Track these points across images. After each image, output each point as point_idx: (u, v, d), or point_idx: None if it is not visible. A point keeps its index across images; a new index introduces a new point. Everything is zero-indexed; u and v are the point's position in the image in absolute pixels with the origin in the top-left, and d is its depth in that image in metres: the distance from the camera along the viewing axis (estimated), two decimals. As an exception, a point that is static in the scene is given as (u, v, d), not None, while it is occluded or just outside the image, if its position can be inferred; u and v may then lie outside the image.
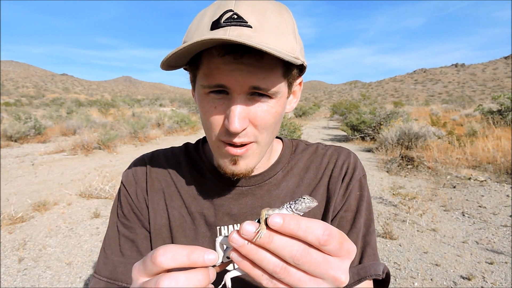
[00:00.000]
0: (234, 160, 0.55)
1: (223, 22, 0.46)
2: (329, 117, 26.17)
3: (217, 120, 0.52)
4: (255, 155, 0.56)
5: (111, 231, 0.66)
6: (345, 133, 12.22)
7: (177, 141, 10.93)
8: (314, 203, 0.35)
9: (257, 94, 0.50)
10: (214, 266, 0.36)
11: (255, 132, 0.52)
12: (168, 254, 0.32)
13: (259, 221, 0.33)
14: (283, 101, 0.54)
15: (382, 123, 10.24)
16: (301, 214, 0.35)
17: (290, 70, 0.52)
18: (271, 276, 0.32)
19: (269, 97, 0.51)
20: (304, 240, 0.31)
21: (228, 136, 0.51)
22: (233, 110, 0.48)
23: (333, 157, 0.68)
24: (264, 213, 0.33)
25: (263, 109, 0.51)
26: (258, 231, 0.32)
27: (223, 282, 0.36)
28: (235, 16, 0.46)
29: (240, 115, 0.48)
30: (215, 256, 0.33)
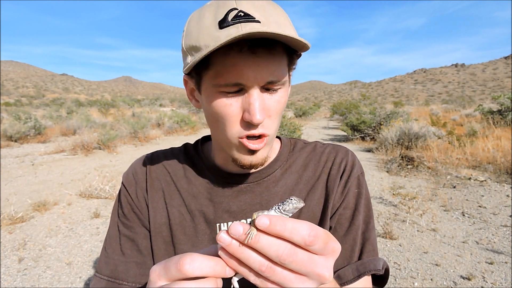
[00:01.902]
0: (252, 151, 0.56)
1: (231, 20, 0.47)
2: (329, 117, 26.17)
3: (235, 117, 0.52)
4: (269, 145, 0.58)
5: (112, 231, 0.67)
6: (345, 133, 12.22)
7: (177, 141, 10.94)
8: (301, 204, 0.36)
9: (269, 86, 0.52)
10: None
11: (269, 122, 0.54)
12: (195, 264, 0.34)
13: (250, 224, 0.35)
14: (287, 89, 0.57)
15: (382, 123, 10.24)
16: (290, 215, 0.36)
17: (293, 59, 0.55)
18: (258, 274, 0.34)
19: (279, 87, 0.53)
20: (291, 241, 0.33)
21: (248, 129, 0.53)
22: (253, 103, 0.50)
23: (331, 155, 0.69)
24: (255, 215, 0.34)
25: (275, 99, 0.53)
26: (249, 232, 0.33)
27: (231, 286, 0.37)
28: (242, 14, 0.47)
29: (260, 106, 0.50)
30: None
